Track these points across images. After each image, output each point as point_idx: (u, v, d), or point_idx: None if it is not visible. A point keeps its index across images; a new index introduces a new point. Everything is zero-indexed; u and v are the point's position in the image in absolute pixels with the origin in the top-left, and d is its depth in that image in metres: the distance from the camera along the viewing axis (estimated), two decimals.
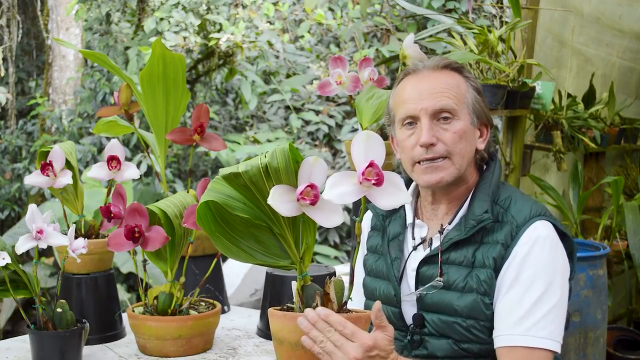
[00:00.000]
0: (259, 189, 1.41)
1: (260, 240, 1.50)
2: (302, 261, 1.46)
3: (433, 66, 1.66)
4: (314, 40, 7.31)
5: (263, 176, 1.40)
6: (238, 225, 1.49)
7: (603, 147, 3.68)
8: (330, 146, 6.95)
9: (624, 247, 3.36)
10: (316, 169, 1.36)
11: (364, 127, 2.23)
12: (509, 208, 1.62)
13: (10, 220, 7.14)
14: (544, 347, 1.52)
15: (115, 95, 2.17)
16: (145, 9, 6.85)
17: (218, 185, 1.45)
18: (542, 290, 1.54)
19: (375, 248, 1.80)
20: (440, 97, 1.61)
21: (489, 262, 1.57)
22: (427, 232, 1.71)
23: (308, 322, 1.38)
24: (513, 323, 1.54)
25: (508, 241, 1.58)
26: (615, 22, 3.92)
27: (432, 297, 1.63)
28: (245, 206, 1.45)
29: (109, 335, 2.06)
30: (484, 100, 1.69)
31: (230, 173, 1.41)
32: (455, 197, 1.68)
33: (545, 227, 1.59)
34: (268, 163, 1.38)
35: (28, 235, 1.71)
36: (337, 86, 2.20)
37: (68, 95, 7.53)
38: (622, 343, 3.43)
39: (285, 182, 1.39)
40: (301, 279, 1.45)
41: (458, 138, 1.61)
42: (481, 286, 1.57)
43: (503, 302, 1.56)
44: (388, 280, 1.71)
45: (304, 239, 1.45)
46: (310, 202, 1.33)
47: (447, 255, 1.63)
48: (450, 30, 3.20)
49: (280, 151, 1.39)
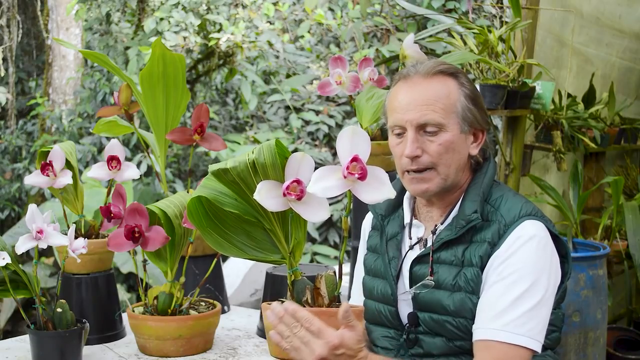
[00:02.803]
0: (247, 185, 1.43)
1: (251, 236, 1.51)
2: (293, 256, 1.47)
3: (425, 73, 1.64)
4: (314, 40, 7.31)
5: (251, 172, 1.41)
6: (229, 221, 1.50)
7: (603, 147, 3.68)
8: (330, 146, 6.95)
9: (624, 247, 3.36)
10: (304, 165, 1.37)
11: (364, 127, 2.23)
12: (499, 207, 1.62)
13: (10, 220, 7.14)
14: (521, 345, 1.51)
15: (115, 95, 2.17)
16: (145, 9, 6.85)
17: (209, 182, 1.46)
18: (524, 288, 1.53)
19: (374, 247, 1.80)
20: (426, 111, 1.60)
21: (476, 260, 1.58)
22: (424, 232, 1.72)
23: (275, 315, 1.38)
24: (492, 317, 1.53)
25: (495, 239, 1.58)
26: (615, 22, 3.92)
27: (425, 296, 1.64)
28: (236, 202, 1.46)
29: (109, 335, 2.06)
30: (479, 104, 1.67)
31: (219, 169, 1.43)
32: (450, 201, 1.69)
33: (535, 227, 1.58)
34: (255, 159, 1.40)
35: (28, 235, 1.71)
36: (337, 86, 2.20)
37: (68, 95, 7.53)
38: (622, 343, 3.43)
39: (272, 177, 1.40)
40: (291, 274, 1.46)
41: (444, 150, 1.61)
42: (468, 285, 1.58)
43: (485, 296, 1.56)
44: (385, 280, 1.72)
45: (294, 234, 1.47)
46: (296, 197, 1.35)
47: (438, 255, 1.64)
48: (450, 30, 3.20)
49: (267, 147, 1.41)
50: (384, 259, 1.74)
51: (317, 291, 1.45)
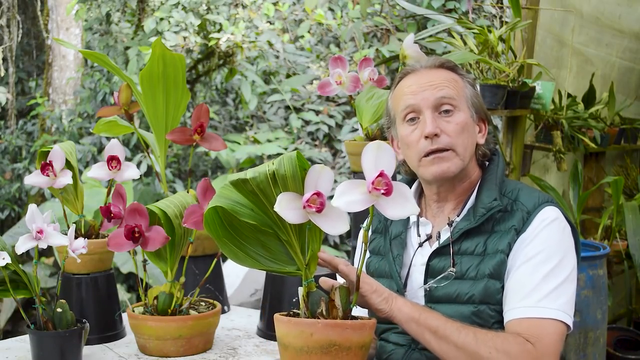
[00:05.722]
0: (266, 196, 1.42)
1: (266, 246, 1.51)
2: (308, 268, 1.47)
3: (430, 65, 1.71)
4: (314, 40, 7.31)
5: (270, 183, 1.40)
6: (245, 231, 1.50)
7: (603, 147, 3.69)
8: (330, 146, 6.95)
9: (624, 247, 3.37)
10: (323, 177, 1.37)
11: (364, 127, 2.23)
12: (518, 197, 1.65)
13: (10, 220, 7.14)
14: (557, 318, 1.52)
15: (115, 95, 2.16)
16: (145, 9, 6.85)
17: (226, 191, 1.45)
18: (552, 266, 1.55)
19: (378, 250, 1.81)
20: (441, 87, 1.65)
21: (503, 247, 1.59)
22: (432, 229, 1.73)
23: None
24: (523, 296, 1.54)
25: (520, 225, 1.60)
26: (614, 22, 3.92)
27: (443, 288, 1.64)
28: (253, 212, 1.46)
29: (109, 335, 2.06)
30: (480, 97, 1.74)
31: (238, 179, 1.42)
32: (460, 192, 1.70)
33: (554, 211, 1.62)
34: (275, 170, 1.39)
35: (28, 235, 1.71)
36: (337, 86, 2.20)
37: (68, 95, 7.54)
38: (622, 343, 3.43)
39: (292, 189, 1.39)
40: (306, 285, 1.46)
41: (460, 129, 1.64)
42: (493, 271, 1.59)
43: (513, 278, 1.57)
44: (391, 278, 1.73)
45: (310, 246, 1.46)
46: (316, 210, 1.34)
47: (459, 246, 1.64)
48: (450, 30, 3.20)
49: (287, 159, 1.40)
50: (388, 258, 1.75)
51: (332, 303, 1.45)
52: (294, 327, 1.42)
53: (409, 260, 1.73)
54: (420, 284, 1.68)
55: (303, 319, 1.44)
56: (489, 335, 1.50)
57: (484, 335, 1.50)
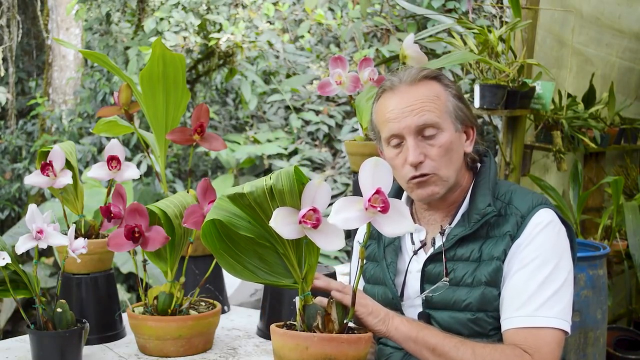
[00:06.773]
0: (263, 210, 1.42)
1: (264, 259, 1.51)
2: (305, 281, 1.46)
3: (410, 80, 1.65)
4: (314, 40, 7.31)
5: (267, 197, 1.40)
6: (242, 243, 1.50)
7: (603, 147, 3.68)
8: (330, 146, 6.95)
9: (624, 247, 3.36)
10: (320, 192, 1.37)
11: (364, 127, 2.23)
12: (511, 201, 1.63)
13: (10, 220, 7.14)
14: (554, 327, 1.52)
15: (115, 95, 2.16)
16: (145, 9, 6.85)
17: (223, 203, 1.45)
18: (548, 271, 1.54)
19: (373, 256, 1.80)
20: (422, 112, 1.61)
21: (498, 254, 1.58)
22: (426, 235, 1.72)
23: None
24: (520, 304, 1.53)
25: (514, 231, 1.59)
26: (614, 22, 3.92)
27: (440, 295, 1.63)
28: (250, 225, 1.46)
29: (109, 335, 2.06)
30: (465, 103, 1.69)
31: (235, 193, 1.42)
32: (452, 201, 1.70)
33: (549, 214, 1.61)
34: (273, 185, 1.39)
35: (28, 235, 1.71)
36: (337, 86, 2.20)
37: (68, 95, 7.54)
38: (622, 343, 3.43)
39: (289, 203, 1.39)
40: (302, 299, 1.45)
41: (444, 152, 1.62)
42: (489, 278, 1.58)
43: (509, 285, 1.57)
44: (385, 285, 1.72)
45: (307, 260, 1.46)
46: (312, 226, 1.34)
47: (453, 252, 1.64)
48: (450, 30, 3.20)
49: (285, 173, 1.40)
50: (382, 265, 1.74)
51: (328, 317, 1.45)
52: (289, 339, 1.41)
53: (404, 267, 1.72)
54: (417, 291, 1.68)
55: (299, 332, 1.43)
56: (487, 349, 1.50)
57: (482, 350, 1.50)
